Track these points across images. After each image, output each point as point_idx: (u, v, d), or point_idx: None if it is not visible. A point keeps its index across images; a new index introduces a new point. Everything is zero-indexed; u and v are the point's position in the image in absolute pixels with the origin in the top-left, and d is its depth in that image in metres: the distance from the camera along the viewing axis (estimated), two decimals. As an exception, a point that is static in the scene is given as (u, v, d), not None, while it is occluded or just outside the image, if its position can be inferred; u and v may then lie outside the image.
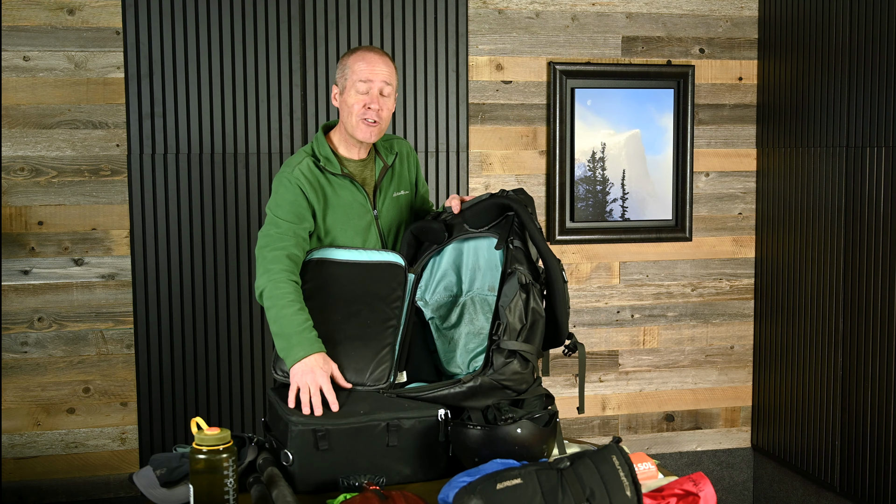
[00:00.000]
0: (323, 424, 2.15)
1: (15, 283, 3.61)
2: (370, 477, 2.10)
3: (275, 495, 2.00)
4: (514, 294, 2.30)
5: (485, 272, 2.54)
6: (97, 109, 3.62)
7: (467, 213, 2.51)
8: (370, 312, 2.44)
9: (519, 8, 3.94)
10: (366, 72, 2.50)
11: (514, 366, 2.27)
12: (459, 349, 2.54)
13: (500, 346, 2.27)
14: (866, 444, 3.58)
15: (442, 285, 2.57)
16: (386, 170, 2.63)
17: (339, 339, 2.38)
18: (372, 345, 2.40)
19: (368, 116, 2.50)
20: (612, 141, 4.06)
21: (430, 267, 2.55)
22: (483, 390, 2.28)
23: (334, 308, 2.43)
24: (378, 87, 2.51)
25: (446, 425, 2.24)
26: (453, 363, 2.54)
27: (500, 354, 2.27)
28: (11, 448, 3.65)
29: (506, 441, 2.11)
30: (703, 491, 2.02)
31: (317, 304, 2.42)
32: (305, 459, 2.14)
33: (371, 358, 2.38)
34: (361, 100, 2.50)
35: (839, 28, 3.67)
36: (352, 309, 2.44)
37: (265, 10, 3.64)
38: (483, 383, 2.27)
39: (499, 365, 2.26)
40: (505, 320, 2.29)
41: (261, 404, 3.73)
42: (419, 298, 2.55)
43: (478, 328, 2.53)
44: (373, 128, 2.52)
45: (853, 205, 3.62)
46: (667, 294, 4.20)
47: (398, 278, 2.49)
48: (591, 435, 4.16)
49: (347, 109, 2.52)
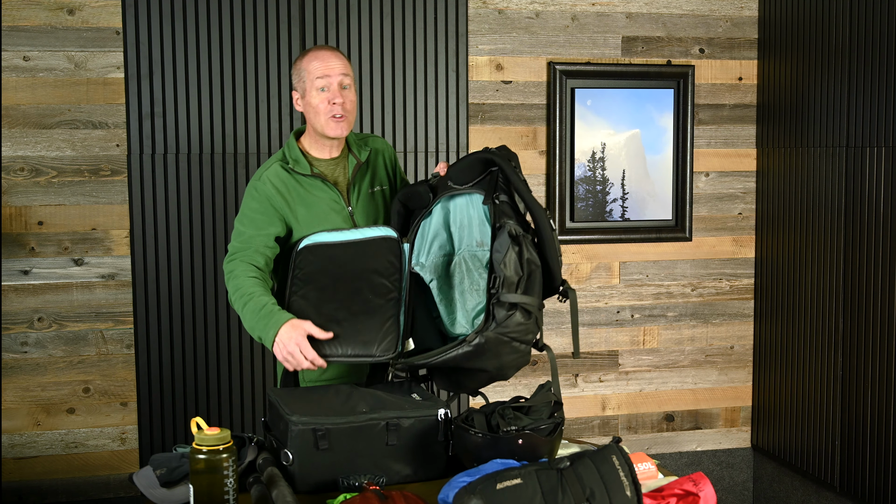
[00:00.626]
0: (323, 424, 2.15)
1: (15, 283, 3.61)
2: (370, 477, 2.10)
3: (275, 495, 2.00)
4: (506, 248, 2.30)
5: (472, 228, 2.54)
6: (97, 109, 3.62)
7: (451, 170, 2.51)
8: (370, 288, 2.47)
9: (519, 8, 3.94)
10: (322, 69, 2.52)
11: (516, 318, 2.27)
12: (459, 309, 2.55)
13: (500, 300, 2.27)
14: (866, 444, 3.58)
15: (436, 245, 2.57)
16: (359, 166, 2.65)
17: (344, 317, 2.41)
18: (377, 317, 2.43)
19: (335, 112, 2.53)
20: (612, 141, 4.06)
21: (422, 230, 2.56)
22: (491, 346, 2.28)
23: (334, 289, 2.46)
24: (337, 80, 2.53)
25: (446, 425, 2.24)
26: (457, 324, 2.55)
27: (501, 308, 2.27)
28: (11, 448, 3.65)
29: (508, 449, 2.11)
30: (703, 491, 2.02)
31: (316, 286, 2.45)
32: (305, 459, 2.14)
33: (377, 330, 2.41)
34: (324, 97, 2.53)
35: (839, 28, 3.67)
36: (352, 287, 2.46)
37: (265, 10, 3.64)
38: (489, 339, 2.28)
39: (501, 318, 2.27)
40: (501, 274, 2.29)
41: (261, 404, 3.73)
42: (415, 263, 2.55)
43: (473, 284, 2.53)
44: (342, 122, 2.54)
45: (853, 205, 3.62)
46: (667, 294, 4.20)
47: (394, 251, 2.52)
48: (591, 435, 4.16)
49: (313, 110, 2.55)
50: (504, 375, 2.40)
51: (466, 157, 2.49)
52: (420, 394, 2.36)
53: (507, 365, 2.35)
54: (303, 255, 2.50)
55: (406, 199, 2.58)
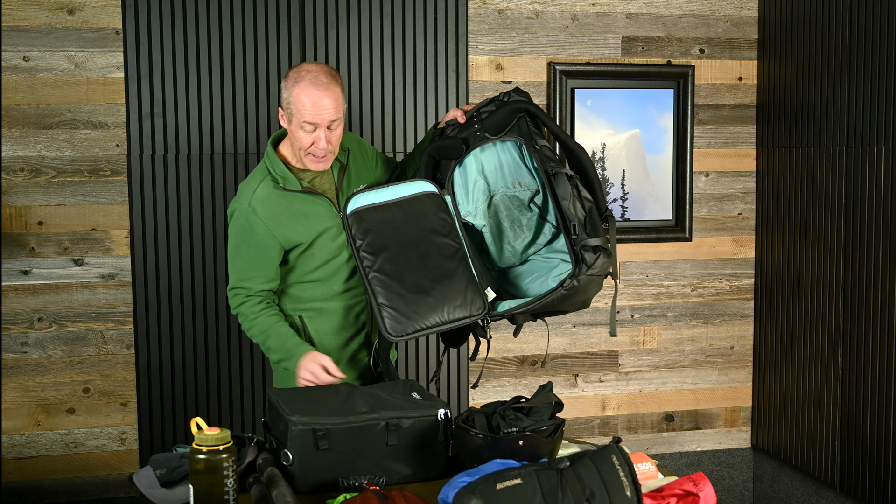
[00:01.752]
0: (323, 424, 2.15)
1: (15, 283, 3.61)
2: (370, 477, 2.10)
3: (275, 495, 2.00)
4: (569, 193, 2.43)
5: (504, 171, 2.64)
6: (97, 109, 3.62)
7: (486, 122, 2.60)
8: (437, 250, 2.52)
9: (519, 8, 3.94)
10: (311, 114, 2.46)
11: (601, 259, 2.40)
12: (506, 243, 2.66)
13: (585, 245, 2.39)
14: (866, 444, 3.58)
15: (479, 191, 2.65)
16: (344, 169, 2.65)
17: (429, 286, 2.46)
18: (457, 279, 2.49)
19: (317, 154, 2.53)
20: (612, 141, 4.06)
21: (460, 181, 2.64)
22: (583, 286, 2.41)
23: (405, 257, 2.50)
24: (324, 126, 2.49)
25: (446, 425, 2.24)
26: (504, 259, 2.68)
27: (587, 252, 2.39)
28: (11, 448, 3.65)
29: (509, 450, 2.11)
30: (702, 491, 2.02)
31: (387, 257, 2.49)
32: (305, 459, 2.14)
33: (464, 291, 2.47)
34: (309, 139, 2.50)
35: (839, 28, 3.67)
36: (420, 251, 2.51)
37: (265, 10, 3.64)
38: (582, 281, 2.40)
39: (590, 261, 2.39)
40: (573, 219, 2.42)
41: (261, 404, 3.73)
42: (465, 213, 2.64)
43: (515, 222, 2.65)
44: (323, 160, 2.55)
45: (853, 205, 3.62)
46: (667, 294, 4.20)
47: (441, 206, 2.59)
48: (591, 435, 4.16)
49: (297, 142, 2.53)
50: (588, 304, 2.51)
51: (501, 110, 2.59)
52: (420, 393, 2.36)
53: (591, 296, 2.48)
54: (354, 222, 2.53)
55: (437, 153, 2.64)
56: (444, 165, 2.64)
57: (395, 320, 2.43)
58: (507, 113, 2.57)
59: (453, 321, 2.45)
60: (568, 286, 2.40)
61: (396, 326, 2.43)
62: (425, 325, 2.43)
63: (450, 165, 2.61)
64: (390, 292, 2.44)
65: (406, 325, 2.43)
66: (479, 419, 2.22)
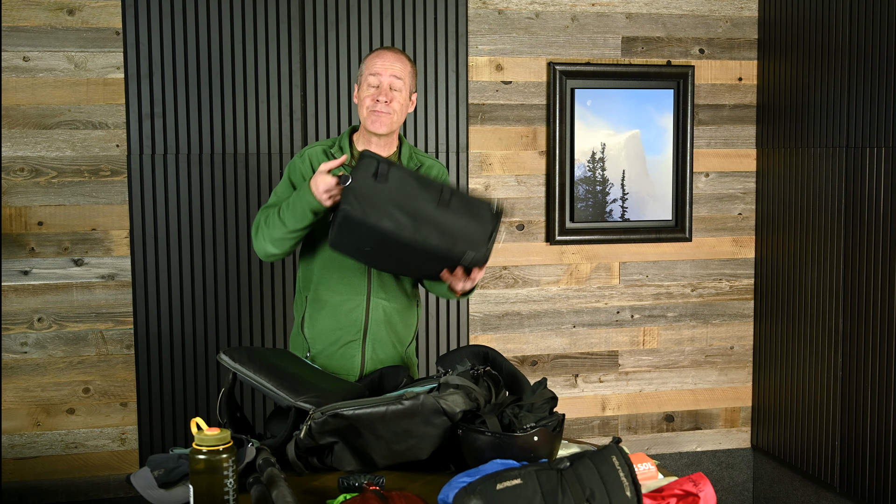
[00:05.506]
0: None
1: (15, 283, 3.61)
2: (370, 477, 2.10)
3: (275, 495, 2.00)
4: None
5: None
6: (97, 110, 3.62)
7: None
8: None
9: (519, 8, 3.94)
10: (376, 66, 2.59)
11: (458, 396, 2.22)
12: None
13: (448, 382, 2.25)
14: (866, 444, 3.58)
15: None
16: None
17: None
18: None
19: (377, 108, 2.58)
20: (612, 141, 4.06)
21: None
22: (420, 413, 2.21)
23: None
24: (388, 81, 2.58)
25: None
26: None
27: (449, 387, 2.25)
28: (11, 448, 3.65)
29: (521, 448, 2.12)
30: (702, 491, 2.02)
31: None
32: (365, 184, 2.28)
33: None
34: (371, 93, 2.59)
35: (839, 28, 3.67)
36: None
37: (265, 10, 3.64)
38: (426, 404, 2.20)
39: (446, 393, 2.24)
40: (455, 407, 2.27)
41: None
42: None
43: None
44: (382, 117, 2.58)
45: (853, 205, 3.62)
46: (666, 294, 4.20)
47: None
48: (591, 435, 4.16)
49: (361, 104, 2.62)
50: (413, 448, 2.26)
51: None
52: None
53: (422, 440, 2.22)
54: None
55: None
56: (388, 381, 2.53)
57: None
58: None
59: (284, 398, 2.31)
60: (408, 399, 2.17)
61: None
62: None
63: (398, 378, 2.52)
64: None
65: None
66: (490, 421, 2.21)
